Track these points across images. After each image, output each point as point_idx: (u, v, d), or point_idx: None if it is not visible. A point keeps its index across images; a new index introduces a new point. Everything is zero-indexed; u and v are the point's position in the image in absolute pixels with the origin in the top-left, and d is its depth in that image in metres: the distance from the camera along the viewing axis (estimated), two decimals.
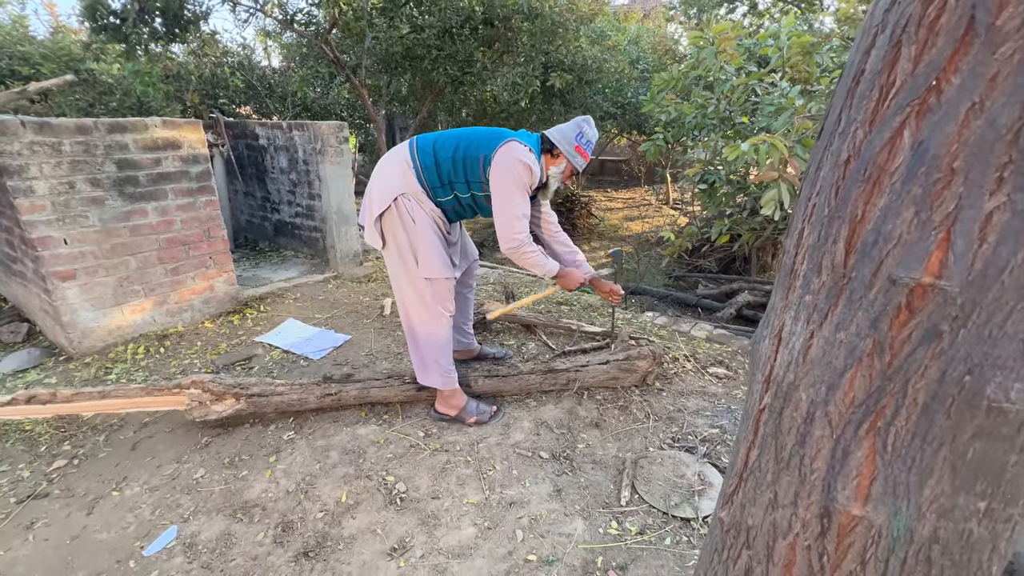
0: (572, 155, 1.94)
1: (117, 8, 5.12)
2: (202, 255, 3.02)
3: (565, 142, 1.93)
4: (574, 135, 1.93)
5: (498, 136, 1.89)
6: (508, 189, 1.84)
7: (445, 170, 1.90)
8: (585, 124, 1.96)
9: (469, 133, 1.95)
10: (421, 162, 1.90)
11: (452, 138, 1.93)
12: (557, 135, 1.94)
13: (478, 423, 2.15)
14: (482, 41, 5.80)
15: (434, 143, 1.92)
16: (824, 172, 0.51)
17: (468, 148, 1.88)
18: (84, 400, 2.00)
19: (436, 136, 1.96)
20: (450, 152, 1.89)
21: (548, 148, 1.97)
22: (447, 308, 2.00)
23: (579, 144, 1.94)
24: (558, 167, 1.98)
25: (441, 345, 2.02)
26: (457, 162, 1.89)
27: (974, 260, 0.42)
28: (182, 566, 1.52)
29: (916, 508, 0.49)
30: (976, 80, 0.39)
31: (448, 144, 1.91)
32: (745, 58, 3.57)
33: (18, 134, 2.24)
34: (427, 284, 1.92)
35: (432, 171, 1.90)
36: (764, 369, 0.60)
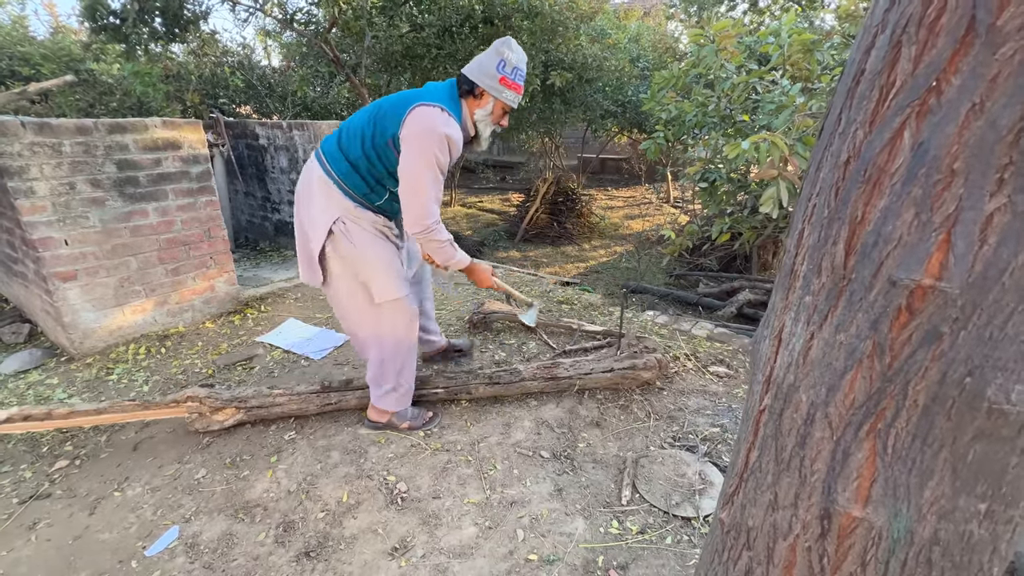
0: (498, 90, 1.61)
1: (117, 8, 5.12)
2: (203, 255, 3.02)
3: (486, 76, 1.60)
4: (495, 65, 1.59)
5: (402, 104, 1.57)
6: (417, 166, 1.54)
7: (364, 169, 1.65)
8: (505, 48, 1.61)
9: (371, 113, 1.64)
10: (336, 172, 1.65)
11: (356, 128, 1.65)
12: (476, 70, 1.62)
13: (412, 428, 2.08)
14: (482, 40, 5.79)
15: (339, 143, 1.67)
16: (824, 173, 0.51)
17: (375, 136, 1.60)
18: (80, 417, 1.99)
19: (340, 132, 1.69)
20: (359, 148, 1.63)
21: (468, 90, 1.64)
22: (413, 328, 1.90)
23: (504, 75, 1.59)
24: (484, 108, 1.65)
25: (408, 369, 1.94)
26: (370, 156, 1.62)
27: (975, 261, 0.41)
28: (184, 566, 1.52)
29: (917, 510, 0.49)
30: (977, 81, 0.39)
31: (354, 138, 1.64)
32: (746, 56, 3.56)
33: (18, 135, 2.25)
34: (387, 307, 1.80)
35: (353, 176, 1.66)
36: (764, 370, 0.60)
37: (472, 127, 1.71)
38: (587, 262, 7.41)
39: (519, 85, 1.65)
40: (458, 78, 1.67)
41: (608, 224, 9.21)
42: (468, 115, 1.68)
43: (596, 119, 8.22)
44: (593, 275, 6.79)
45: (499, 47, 1.62)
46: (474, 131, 1.73)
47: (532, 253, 7.85)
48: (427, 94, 1.60)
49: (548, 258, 7.58)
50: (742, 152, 2.48)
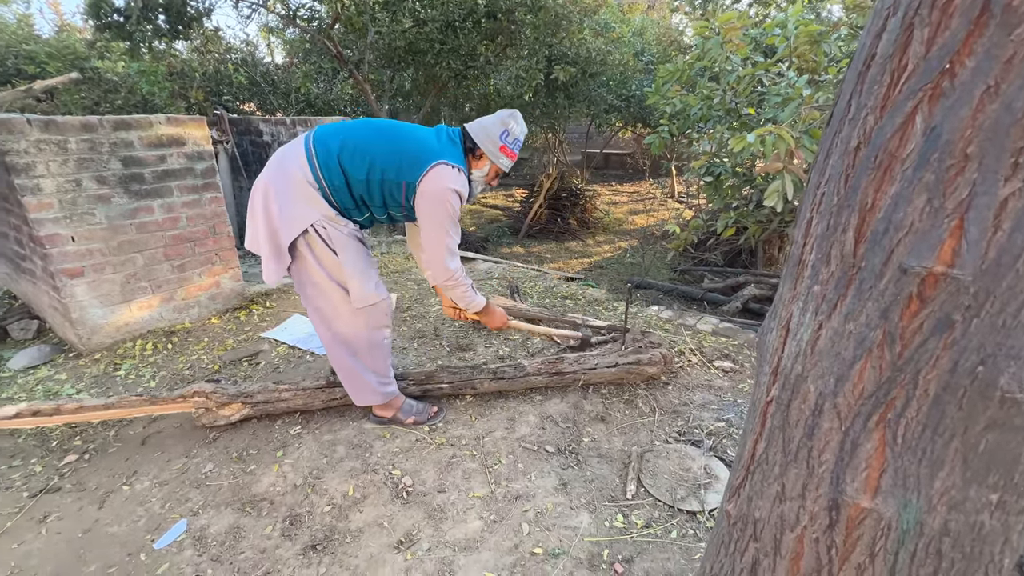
0: (496, 156, 1.73)
1: (120, 6, 5.13)
2: (208, 252, 3.04)
3: (488, 142, 1.71)
4: (499, 133, 1.71)
5: (423, 154, 1.63)
6: (441, 223, 1.66)
7: (358, 192, 1.67)
8: (511, 120, 1.72)
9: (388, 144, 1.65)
10: (328, 182, 1.64)
11: (362, 153, 1.63)
12: (480, 133, 1.72)
13: (416, 423, 2.09)
14: (485, 34, 5.77)
15: (339, 157, 1.63)
16: (833, 160, 0.50)
17: (387, 172, 1.62)
18: (88, 412, 2.01)
19: (342, 145, 1.64)
20: (363, 174, 1.64)
21: (470, 148, 1.74)
22: (389, 326, 1.90)
23: (504, 144, 1.72)
24: (481, 170, 1.77)
25: (383, 365, 1.94)
26: (373, 185, 1.65)
27: (988, 248, 0.41)
28: (192, 559, 1.54)
29: (927, 500, 0.48)
30: (991, 63, 0.38)
31: (359, 161, 1.63)
32: (751, 48, 3.53)
33: (24, 132, 2.26)
34: (364, 312, 1.79)
35: (344, 193, 1.66)
36: (771, 361, 0.59)
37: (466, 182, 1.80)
38: (591, 258, 7.39)
39: (515, 153, 1.78)
40: (463, 133, 1.76)
41: (612, 220, 9.18)
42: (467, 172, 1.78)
43: (600, 114, 8.17)
44: (597, 271, 6.78)
45: (505, 119, 1.73)
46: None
47: (536, 249, 7.84)
48: (446, 152, 1.67)
49: (552, 254, 7.56)
50: (747, 145, 2.46)
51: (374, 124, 1.72)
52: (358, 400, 2.02)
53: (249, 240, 1.76)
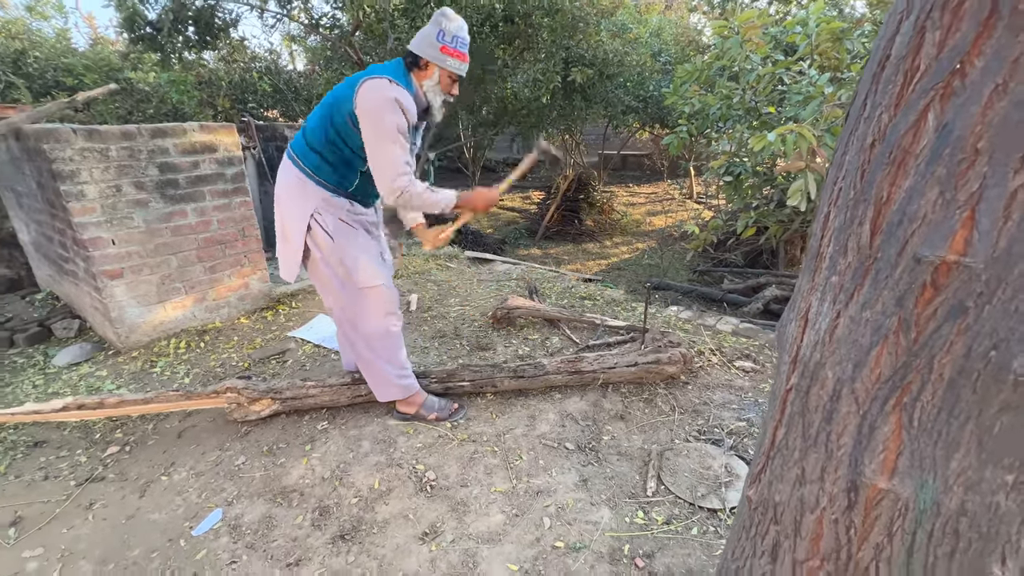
0: (441, 59, 1.68)
1: (153, 19, 5.34)
2: (237, 254, 3.15)
3: (428, 47, 1.68)
4: (435, 35, 1.66)
5: (351, 82, 1.65)
6: (379, 136, 1.62)
7: (331, 156, 1.73)
8: (443, 18, 1.67)
9: (327, 102, 1.73)
10: (308, 165, 1.75)
11: (316, 120, 1.75)
12: (417, 43, 1.70)
13: (439, 419, 2.14)
14: (502, 38, 5.83)
15: (304, 138, 1.76)
16: (850, 156, 0.53)
17: (333, 117, 1.69)
18: (129, 407, 2.11)
19: (303, 129, 1.79)
20: (322, 136, 1.72)
21: (412, 62, 1.72)
22: (397, 314, 1.96)
23: (444, 44, 1.67)
24: (431, 79, 1.73)
25: (397, 355, 2.00)
26: (334, 141, 1.70)
27: (999, 237, 0.43)
28: (228, 546, 1.61)
29: (943, 481, 0.50)
30: (1000, 62, 0.40)
31: (316, 129, 1.73)
32: (771, 46, 3.50)
33: (70, 141, 2.39)
34: (370, 293, 1.87)
35: (323, 167, 1.74)
36: (791, 350, 0.61)
37: (424, 98, 1.78)
38: (609, 259, 7.38)
39: (462, 53, 1.71)
40: (404, 54, 1.74)
41: (630, 221, 9.14)
42: (418, 87, 1.75)
43: (617, 115, 8.16)
44: (615, 272, 6.76)
45: (437, 18, 1.68)
46: (426, 102, 1.80)
47: (553, 251, 7.86)
48: (372, 70, 1.68)
49: (569, 255, 7.57)
50: (768, 145, 2.46)
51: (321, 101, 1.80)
52: (380, 395, 2.08)
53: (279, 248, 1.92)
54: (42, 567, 1.55)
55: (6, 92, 6.18)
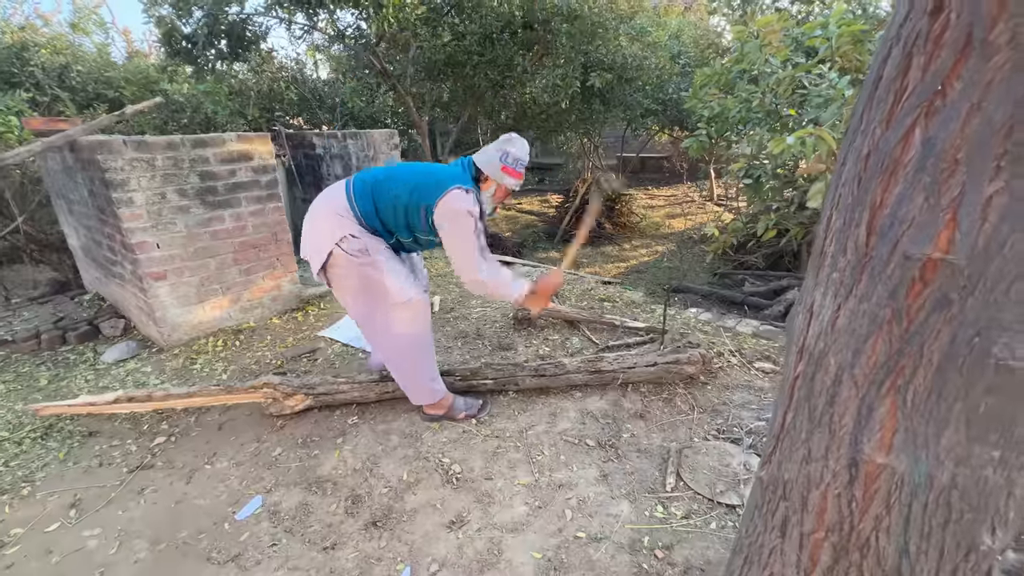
0: (500, 177, 1.95)
1: (189, 33, 5.61)
2: (270, 257, 3.30)
3: (490, 166, 1.95)
4: (498, 157, 1.94)
5: (440, 181, 1.89)
6: (460, 239, 1.89)
7: (387, 218, 1.93)
8: (509, 145, 1.95)
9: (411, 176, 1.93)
10: (361, 210, 1.92)
11: (392, 183, 1.92)
12: (483, 161, 1.96)
13: (468, 417, 2.22)
14: (522, 45, 5.93)
15: (372, 190, 1.92)
16: (849, 165, 0.59)
17: (411, 196, 1.88)
18: (174, 400, 2.26)
19: (375, 180, 1.95)
20: (390, 200, 1.90)
21: (476, 175, 1.98)
22: (427, 328, 2.07)
23: (505, 165, 1.94)
24: (488, 191, 2.01)
25: (429, 364, 2.10)
26: (399, 211, 1.91)
27: (978, 237, 0.48)
28: (269, 530, 1.72)
29: (935, 457, 0.56)
30: (974, 85, 0.46)
31: (388, 191, 1.91)
32: (792, 49, 3.51)
33: (121, 152, 2.56)
34: (402, 307, 1.97)
35: (373, 218, 1.93)
36: (798, 341, 0.67)
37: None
38: (628, 262, 7.39)
39: (519, 173, 1.98)
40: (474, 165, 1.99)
41: (649, 223, 9.13)
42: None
43: (636, 118, 8.18)
44: (634, 275, 6.78)
45: (502, 144, 1.96)
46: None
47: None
48: (458, 178, 1.92)
49: (588, 258, 7.61)
50: (787, 147, 2.48)
51: (403, 164, 2.01)
52: (414, 399, 2.19)
53: (302, 250, 2.05)
54: (101, 545, 1.69)
55: (52, 105, 6.54)
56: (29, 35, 7.43)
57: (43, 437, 2.24)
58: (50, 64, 6.87)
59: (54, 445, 2.19)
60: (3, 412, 2.44)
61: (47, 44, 7.25)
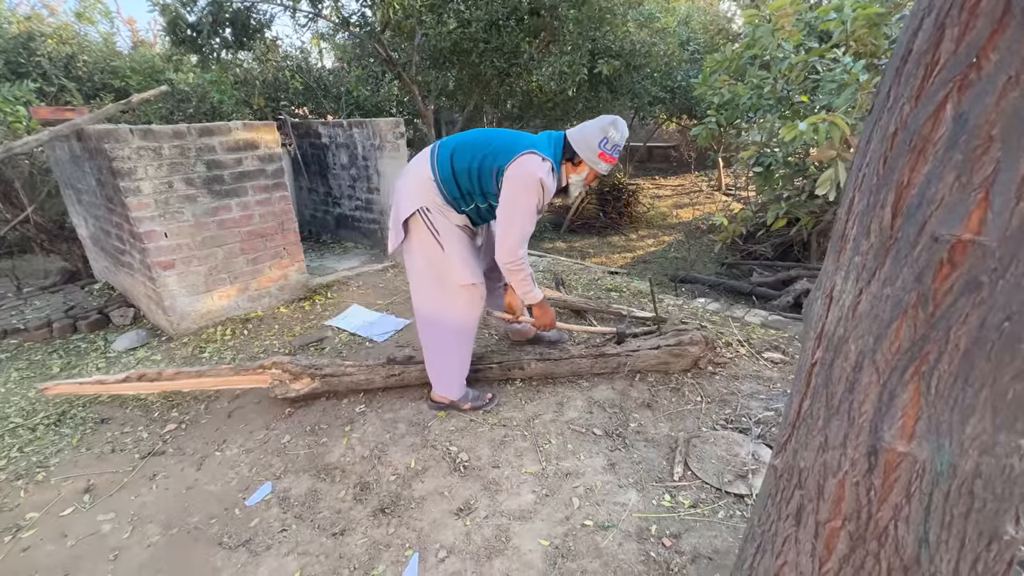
0: (595, 162, 1.85)
1: (193, 21, 5.57)
2: (277, 246, 3.30)
3: (587, 149, 1.83)
4: (597, 141, 1.82)
5: (516, 144, 1.80)
6: (518, 205, 1.78)
7: (463, 182, 1.87)
8: (612, 128, 1.82)
9: (489, 140, 1.86)
10: (440, 175, 1.87)
11: (470, 146, 1.87)
12: (580, 141, 1.84)
13: (474, 408, 2.21)
14: (528, 31, 5.84)
15: (452, 153, 1.87)
16: (874, 145, 0.57)
17: (484, 159, 1.82)
18: (184, 379, 2.28)
19: (456, 143, 1.89)
20: (466, 163, 1.84)
21: (569, 157, 1.88)
22: (476, 316, 2.06)
23: (603, 150, 1.83)
24: (579, 175, 1.90)
25: (466, 355, 2.10)
26: (473, 173, 1.84)
27: (1011, 216, 0.47)
28: (278, 516, 1.74)
29: (959, 445, 0.54)
30: (1012, 56, 0.44)
31: (465, 153, 1.86)
32: (805, 33, 3.43)
33: (128, 140, 2.56)
34: (464, 290, 1.96)
35: (451, 183, 1.88)
36: (816, 327, 0.66)
37: (564, 181, 1.96)
38: (634, 252, 7.34)
39: (614, 158, 1.88)
40: (565, 141, 1.88)
41: (656, 214, 9.05)
42: (564, 174, 1.94)
43: (644, 106, 8.07)
44: (641, 265, 6.74)
45: (606, 126, 1.83)
46: (565, 185, 1.97)
47: (578, 244, 7.87)
48: (539, 144, 1.83)
49: (594, 248, 7.57)
50: (799, 134, 2.44)
51: (485, 130, 1.98)
52: (438, 388, 2.18)
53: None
54: (115, 529, 1.71)
55: (59, 95, 6.55)
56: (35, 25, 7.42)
57: (56, 423, 2.27)
58: (56, 54, 6.86)
59: (67, 431, 2.22)
60: (17, 399, 2.47)
61: (53, 34, 7.25)
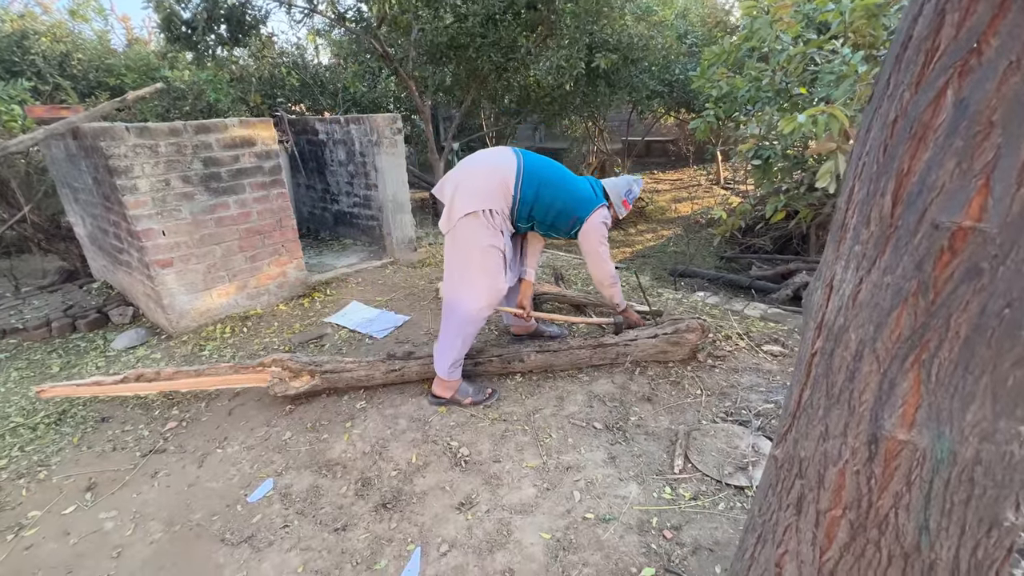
0: (619, 208, 2.42)
1: (188, 18, 5.53)
2: (275, 243, 3.29)
3: (615, 197, 2.39)
4: (624, 192, 2.40)
5: (589, 200, 2.27)
6: (600, 247, 2.29)
7: (538, 213, 2.18)
8: (635, 184, 2.45)
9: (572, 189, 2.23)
10: (522, 195, 2.12)
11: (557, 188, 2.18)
12: (612, 191, 2.39)
13: (474, 403, 2.23)
14: (525, 26, 5.81)
15: (539, 184, 2.14)
16: (874, 133, 0.57)
17: (567, 204, 2.21)
18: (183, 378, 2.27)
19: (542, 176, 2.16)
20: (549, 200, 2.16)
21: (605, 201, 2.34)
22: (489, 309, 2.16)
23: (626, 199, 2.42)
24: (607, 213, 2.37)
25: (468, 339, 2.18)
26: (552, 211, 2.19)
27: (1012, 203, 0.46)
28: (280, 512, 1.74)
29: (959, 432, 0.54)
30: (1014, 41, 0.44)
31: (552, 194, 2.17)
32: (803, 25, 3.41)
33: (124, 138, 2.54)
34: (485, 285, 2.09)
35: (526, 207, 2.15)
36: (816, 317, 0.66)
37: None
38: (633, 247, 7.34)
39: (631, 206, 2.46)
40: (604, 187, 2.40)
41: (655, 208, 9.04)
42: None
43: (642, 100, 8.04)
44: (640, 259, 6.74)
45: (631, 181, 2.44)
46: None
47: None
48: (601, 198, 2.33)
49: None
50: (798, 126, 2.43)
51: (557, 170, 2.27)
52: (439, 368, 2.21)
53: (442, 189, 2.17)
54: (117, 526, 1.71)
55: (54, 94, 6.51)
56: (29, 23, 7.36)
57: (57, 422, 2.27)
58: (51, 52, 6.81)
59: (68, 430, 2.22)
60: (17, 398, 2.47)
61: (47, 32, 7.19)
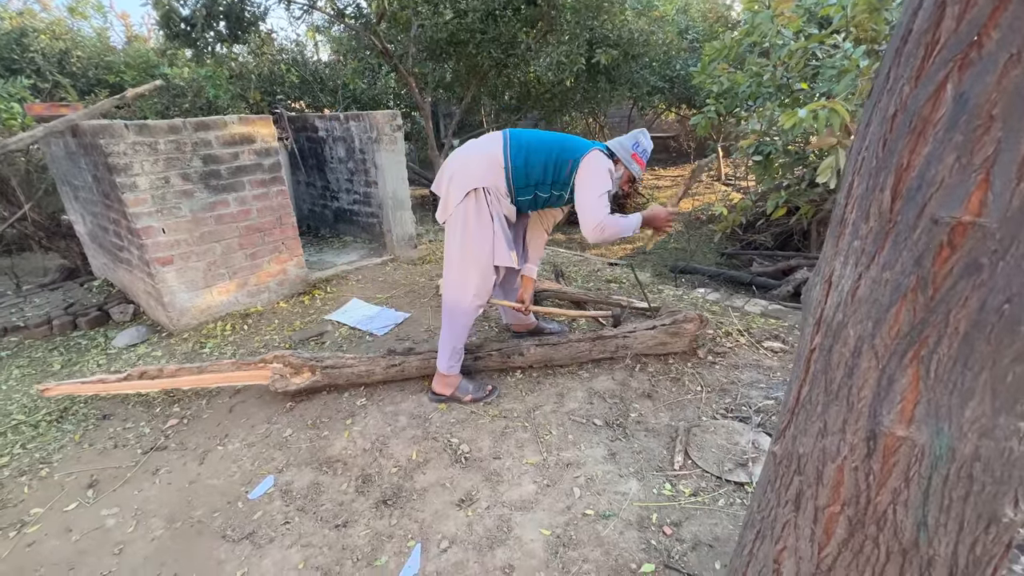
0: (629, 162, 2.19)
1: (187, 15, 5.52)
2: (275, 241, 3.29)
3: (623, 150, 2.19)
4: (631, 144, 2.19)
5: (584, 143, 2.15)
6: (592, 188, 2.07)
7: (535, 173, 2.09)
8: (641, 135, 2.22)
9: (558, 139, 2.14)
10: (512, 163, 2.06)
11: (544, 144, 2.10)
12: (617, 146, 2.20)
13: (474, 400, 2.24)
14: (525, 21, 5.79)
15: (527, 147, 2.08)
16: (873, 127, 0.56)
17: (561, 152, 2.09)
18: (185, 375, 2.28)
19: (530, 139, 2.11)
20: (542, 157, 2.07)
21: (609, 155, 2.17)
22: (486, 296, 2.16)
23: (635, 152, 2.18)
24: (617, 173, 2.21)
25: (465, 331, 2.18)
26: (549, 165, 2.08)
27: (1012, 197, 0.46)
28: (281, 508, 1.75)
29: (958, 428, 0.54)
30: (1014, 34, 0.43)
31: (541, 150, 2.09)
32: (805, 20, 3.39)
33: (123, 136, 2.54)
34: (486, 271, 2.08)
35: (521, 173, 2.07)
36: (815, 313, 0.65)
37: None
38: (634, 243, 7.33)
39: (643, 161, 2.23)
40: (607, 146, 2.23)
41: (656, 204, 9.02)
42: None
43: (643, 96, 8.02)
44: (640, 256, 6.73)
45: (636, 133, 2.23)
46: None
47: (577, 235, 7.83)
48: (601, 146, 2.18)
49: None
50: (799, 121, 2.41)
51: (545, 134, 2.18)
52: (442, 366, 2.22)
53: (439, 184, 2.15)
54: (119, 523, 1.72)
55: (53, 91, 6.50)
56: (28, 20, 7.35)
57: (59, 420, 2.27)
58: (50, 50, 6.80)
59: (70, 428, 2.23)
60: (19, 396, 2.48)
61: (46, 29, 7.18)
